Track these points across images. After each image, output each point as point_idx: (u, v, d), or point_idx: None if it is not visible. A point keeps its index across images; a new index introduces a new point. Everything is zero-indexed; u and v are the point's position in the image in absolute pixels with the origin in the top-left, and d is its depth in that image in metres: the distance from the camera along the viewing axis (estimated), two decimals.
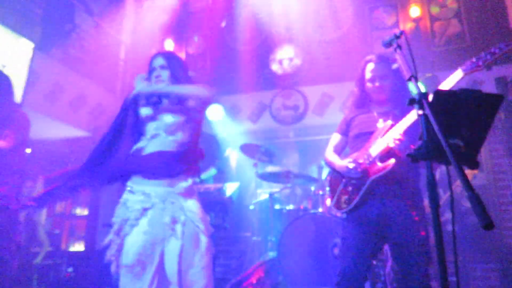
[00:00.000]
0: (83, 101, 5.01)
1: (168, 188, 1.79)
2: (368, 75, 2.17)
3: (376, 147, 1.99)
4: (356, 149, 2.15)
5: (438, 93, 1.25)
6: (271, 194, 3.88)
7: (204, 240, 1.77)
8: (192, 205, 1.81)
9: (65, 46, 4.98)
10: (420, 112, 1.23)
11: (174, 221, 1.74)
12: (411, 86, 1.35)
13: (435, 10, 5.34)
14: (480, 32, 4.98)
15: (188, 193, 1.83)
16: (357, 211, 2.04)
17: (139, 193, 1.78)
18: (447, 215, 4.31)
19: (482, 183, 4.47)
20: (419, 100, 1.24)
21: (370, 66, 2.18)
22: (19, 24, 4.33)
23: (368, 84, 2.17)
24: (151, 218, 1.74)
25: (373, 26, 5.48)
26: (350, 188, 2.08)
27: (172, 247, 1.72)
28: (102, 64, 5.40)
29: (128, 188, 1.82)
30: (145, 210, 1.75)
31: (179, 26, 6.19)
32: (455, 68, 1.81)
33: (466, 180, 0.96)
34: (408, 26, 5.39)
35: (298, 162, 5.38)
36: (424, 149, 1.20)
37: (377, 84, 2.12)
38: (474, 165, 1.34)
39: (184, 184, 1.83)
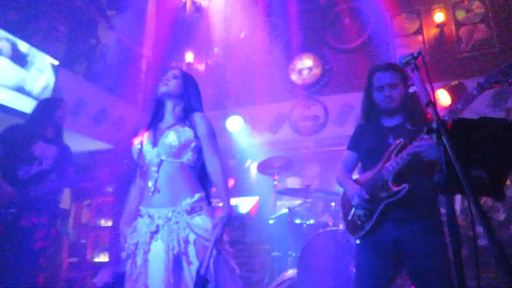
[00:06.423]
0: (105, 114, 5.11)
1: (171, 207, 1.73)
2: (376, 83, 2.03)
3: (388, 168, 1.87)
4: (367, 168, 2.04)
5: (457, 122, 1.17)
6: (290, 209, 3.81)
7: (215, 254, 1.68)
8: (200, 221, 1.72)
9: (88, 62, 5.11)
10: (439, 142, 1.15)
11: (185, 241, 1.68)
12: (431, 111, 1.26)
13: (460, 15, 5.15)
14: (510, 36, 4.76)
15: (194, 209, 1.74)
16: (371, 236, 1.92)
17: (146, 216, 1.76)
18: (477, 230, 4.09)
19: None
20: (438, 129, 1.16)
21: (378, 74, 2.03)
22: (44, 42, 4.47)
23: (376, 94, 2.03)
24: (160, 243, 1.70)
25: (395, 33, 5.34)
26: (362, 212, 1.96)
27: (186, 273, 1.68)
28: (124, 78, 5.50)
29: (140, 211, 1.82)
30: (152, 233, 1.71)
31: (199, 38, 6.25)
32: (483, 75, 1.67)
33: (488, 226, 0.88)
34: (432, 32, 5.22)
35: (318, 173, 5.29)
36: (443, 184, 1.12)
37: (386, 93, 1.98)
38: (500, 196, 1.25)
39: (188, 200, 1.75)
